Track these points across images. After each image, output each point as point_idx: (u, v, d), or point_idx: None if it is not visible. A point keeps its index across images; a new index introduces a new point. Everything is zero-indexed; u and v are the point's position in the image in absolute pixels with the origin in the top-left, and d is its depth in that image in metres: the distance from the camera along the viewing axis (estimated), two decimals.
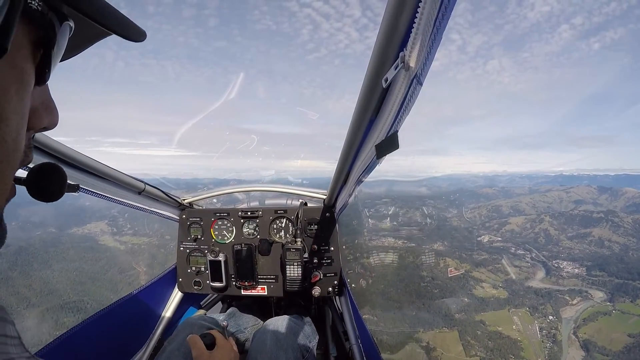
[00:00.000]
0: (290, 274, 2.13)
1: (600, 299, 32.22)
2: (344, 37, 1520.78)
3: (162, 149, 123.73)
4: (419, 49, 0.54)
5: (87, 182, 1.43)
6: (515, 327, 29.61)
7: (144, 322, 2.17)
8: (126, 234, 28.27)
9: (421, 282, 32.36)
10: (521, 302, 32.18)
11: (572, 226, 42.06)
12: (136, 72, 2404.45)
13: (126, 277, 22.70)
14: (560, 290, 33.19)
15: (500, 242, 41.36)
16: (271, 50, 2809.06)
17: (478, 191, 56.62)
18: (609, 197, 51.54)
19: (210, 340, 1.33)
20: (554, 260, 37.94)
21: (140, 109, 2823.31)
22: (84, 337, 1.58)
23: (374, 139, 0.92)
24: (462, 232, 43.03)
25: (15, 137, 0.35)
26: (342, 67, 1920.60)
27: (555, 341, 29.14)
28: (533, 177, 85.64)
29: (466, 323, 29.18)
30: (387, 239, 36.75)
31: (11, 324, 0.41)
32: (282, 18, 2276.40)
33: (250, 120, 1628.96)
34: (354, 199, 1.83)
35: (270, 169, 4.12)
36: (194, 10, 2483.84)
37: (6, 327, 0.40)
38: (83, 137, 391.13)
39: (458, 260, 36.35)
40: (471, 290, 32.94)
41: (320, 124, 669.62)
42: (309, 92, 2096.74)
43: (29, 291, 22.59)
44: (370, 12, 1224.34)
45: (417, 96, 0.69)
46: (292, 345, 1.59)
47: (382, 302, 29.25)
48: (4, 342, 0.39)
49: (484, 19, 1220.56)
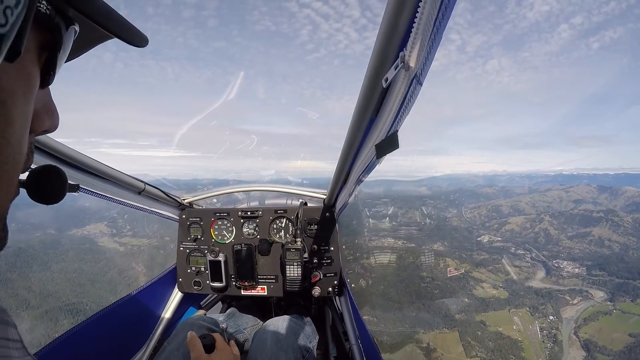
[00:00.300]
0: (290, 274, 2.13)
1: (600, 298, 32.19)
2: (343, 38, 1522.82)
3: (162, 150, 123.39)
4: (419, 49, 0.54)
5: (87, 182, 1.43)
6: (515, 328, 29.58)
7: (144, 323, 2.17)
8: (125, 235, 28.23)
9: (421, 282, 32.35)
10: (521, 302, 32.16)
11: (572, 226, 42.08)
12: (135, 73, 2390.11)
13: (125, 278, 22.64)
14: (561, 290, 33.18)
15: (500, 242, 41.35)
16: (271, 50, 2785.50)
17: (478, 191, 56.65)
18: (609, 196, 51.60)
19: (210, 341, 1.31)
20: (554, 260, 37.94)
21: (139, 110, 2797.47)
22: (84, 337, 1.58)
23: (374, 139, 0.92)
24: (462, 232, 43.04)
25: (19, 139, 0.35)
26: (342, 67, 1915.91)
27: (556, 341, 29.12)
28: (533, 176, 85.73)
29: (467, 323, 29.16)
30: (387, 239, 36.73)
31: (13, 326, 0.41)
32: (282, 19, 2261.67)
33: (250, 121, 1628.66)
34: (354, 198, 1.83)
35: (270, 169, 4.11)
36: (193, 11, 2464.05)
37: (8, 330, 0.39)
38: (82, 139, 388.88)
39: (458, 260, 36.33)
40: (471, 290, 32.92)
41: (320, 124, 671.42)
42: (309, 93, 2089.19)
43: (28, 293, 22.55)
44: (370, 13, 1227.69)
45: (417, 96, 0.69)
46: (292, 345, 1.59)
47: (382, 303, 29.22)
48: (6, 345, 0.38)
49: (484, 19, 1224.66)
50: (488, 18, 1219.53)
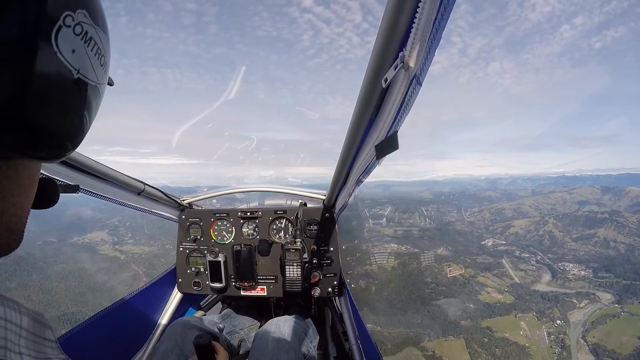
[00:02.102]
0: (290, 274, 2.12)
1: (608, 301, 31.59)
2: (345, 42, 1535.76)
3: (164, 158, 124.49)
4: (419, 49, 0.55)
5: (87, 183, 1.44)
6: (522, 333, 29.02)
7: (144, 323, 2.17)
8: (127, 243, 28.18)
9: (425, 288, 31.97)
10: (528, 306, 31.61)
11: (577, 227, 41.65)
12: (136, 80, 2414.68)
13: (127, 289, 22.54)
14: (567, 293, 32.62)
15: (505, 246, 40.94)
16: (271, 56, 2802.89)
17: (480, 194, 56.37)
18: (613, 197, 51.13)
19: (205, 341, 1.28)
20: (560, 262, 37.43)
21: (141, 117, 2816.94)
22: (84, 338, 1.58)
23: (373, 139, 0.91)
24: (466, 235, 42.69)
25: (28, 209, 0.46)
26: (344, 72, 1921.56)
27: (564, 346, 28.51)
28: (535, 178, 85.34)
29: (472, 330, 28.63)
30: (390, 244, 36.48)
31: (50, 328, 0.47)
32: (283, 24, 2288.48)
33: (253, 128, 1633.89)
34: (354, 199, 1.84)
35: (270, 170, 4.16)
36: (194, 17, 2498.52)
37: (45, 331, 0.46)
38: (85, 147, 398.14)
39: (462, 265, 35.93)
40: (476, 295, 32.44)
41: (320, 130, 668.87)
42: (309, 98, 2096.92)
43: (27, 302, 22.42)
44: (372, 17, 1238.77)
45: (416, 96, 0.69)
46: (293, 345, 1.59)
47: (387, 310, 28.84)
48: (43, 343, 0.45)
49: (485, 21, 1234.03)
50: (489, 20, 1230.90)
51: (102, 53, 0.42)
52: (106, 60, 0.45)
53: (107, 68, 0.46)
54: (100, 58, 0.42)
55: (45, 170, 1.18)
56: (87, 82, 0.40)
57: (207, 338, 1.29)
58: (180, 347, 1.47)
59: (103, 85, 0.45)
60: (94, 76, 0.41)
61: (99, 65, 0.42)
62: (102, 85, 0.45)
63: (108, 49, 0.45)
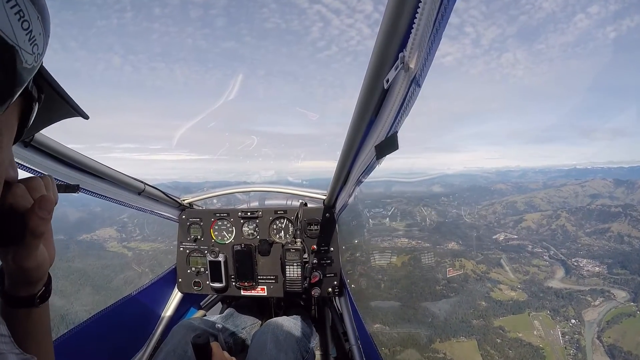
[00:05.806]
0: (290, 274, 2.13)
1: (623, 299, 30.59)
2: (355, 34, 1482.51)
3: (173, 154, 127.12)
4: (419, 50, 0.55)
5: (87, 183, 1.45)
6: (536, 333, 28.35)
7: (144, 323, 2.19)
8: (135, 239, 27.93)
9: (436, 285, 31.31)
10: (541, 304, 30.84)
11: (590, 221, 40.41)
12: (144, 77, 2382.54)
13: (133, 287, 22.08)
14: (582, 291, 31.66)
15: (517, 240, 40.00)
16: (281, 49, 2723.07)
17: (491, 187, 55.03)
18: (626, 190, 49.44)
19: (204, 340, 1.24)
20: (573, 258, 36.48)
21: (149, 113, 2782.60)
22: (84, 337, 1.60)
23: (373, 140, 0.92)
24: (478, 229, 41.78)
25: None
26: (354, 64, 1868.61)
27: (579, 347, 27.84)
28: (546, 171, 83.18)
29: (485, 330, 28.04)
30: (401, 239, 35.71)
31: (2, 323, 0.48)
32: (292, 16, 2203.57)
33: (262, 123, 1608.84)
34: (354, 199, 1.87)
35: (275, 169, 4.15)
36: (201, 11, 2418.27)
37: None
38: (95, 144, 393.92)
39: (474, 261, 35.10)
40: (489, 293, 31.77)
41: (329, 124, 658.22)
42: (320, 92, 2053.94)
43: None
44: (383, 6, 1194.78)
45: (416, 97, 0.69)
46: (292, 346, 1.59)
47: (396, 310, 28.25)
48: None
49: (499, 10, 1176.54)
50: (503, 9, 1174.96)
51: (25, 18, 0.39)
52: (31, 28, 0.40)
53: (35, 37, 0.42)
54: (23, 22, 0.39)
55: (45, 170, 1.17)
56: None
57: (205, 337, 1.26)
58: (183, 348, 1.52)
59: (25, 52, 0.40)
60: (10, 31, 0.37)
61: (20, 28, 0.39)
62: (22, 51, 0.40)
63: (37, 21, 0.42)
